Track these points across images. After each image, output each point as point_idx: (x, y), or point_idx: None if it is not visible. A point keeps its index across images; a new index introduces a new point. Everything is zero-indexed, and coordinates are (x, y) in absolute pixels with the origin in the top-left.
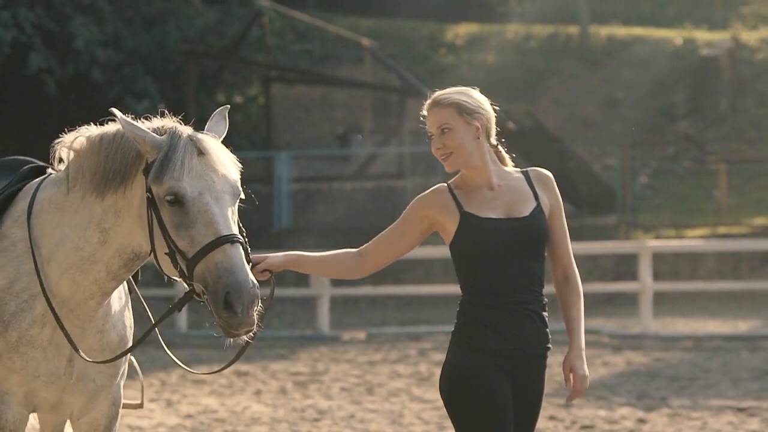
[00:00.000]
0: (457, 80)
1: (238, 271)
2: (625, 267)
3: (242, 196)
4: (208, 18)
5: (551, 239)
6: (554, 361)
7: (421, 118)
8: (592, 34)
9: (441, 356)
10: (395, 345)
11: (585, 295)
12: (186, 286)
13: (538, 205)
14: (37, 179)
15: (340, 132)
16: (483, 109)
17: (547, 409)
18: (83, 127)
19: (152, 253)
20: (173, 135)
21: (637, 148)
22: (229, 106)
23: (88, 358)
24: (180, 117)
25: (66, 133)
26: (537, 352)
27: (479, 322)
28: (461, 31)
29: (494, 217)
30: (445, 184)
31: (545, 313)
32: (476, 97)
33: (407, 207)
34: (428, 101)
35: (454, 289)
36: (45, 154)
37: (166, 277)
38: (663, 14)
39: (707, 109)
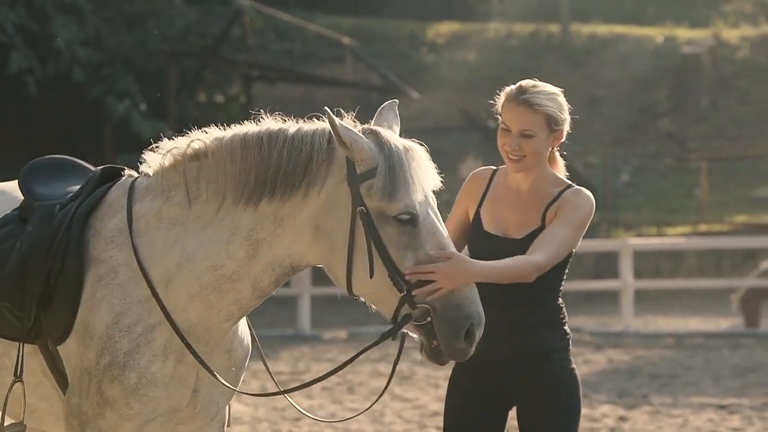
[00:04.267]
0: (439, 79)
1: (478, 301)
2: (606, 265)
3: None
4: (189, 18)
5: None
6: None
7: (497, 107)
8: (574, 32)
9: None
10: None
11: (567, 294)
12: (391, 312)
13: (539, 228)
14: (105, 186)
15: None
16: (566, 120)
17: None
18: (185, 136)
19: (347, 273)
20: (388, 144)
21: (619, 146)
22: (397, 100)
23: (243, 391)
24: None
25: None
26: (506, 355)
27: None
28: (442, 29)
29: (492, 232)
30: (494, 168)
31: (543, 324)
32: (564, 106)
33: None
34: (517, 94)
35: None
36: (27, 154)
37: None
38: (644, 12)
39: (688, 107)
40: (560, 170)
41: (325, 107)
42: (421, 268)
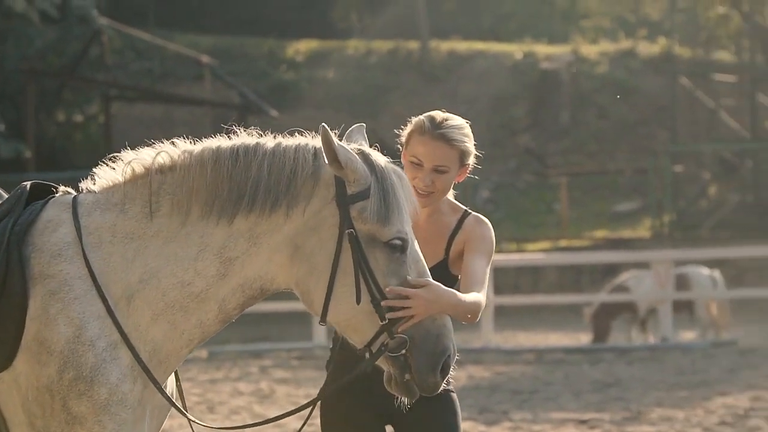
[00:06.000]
0: (298, 97)
1: (452, 333)
2: None
3: None
4: (48, 37)
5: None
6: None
7: (403, 138)
8: (433, 49)
9: (283, 373)
10: (237, 363)
11: None
12: (365, 341)
13: (445, 259)
14: (38, 203)
15: None
16: (473, 155)
17: None
18: (149, 147)
19: (326, 297)
20: (379, 165)
21: (478, 162)
22: (364, 124)
23: (209, 424)
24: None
25: None
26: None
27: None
28: (302, 47)
29: None
30: None
31: None
32: (472, 139)
33: None
34: (432, 128)
35: (297, 305)
36: None
37: (327, 326)
38: (503, 28)
39: (548, 123)
40: (449, 194)
41: (322, 124)
42: (400, 290)
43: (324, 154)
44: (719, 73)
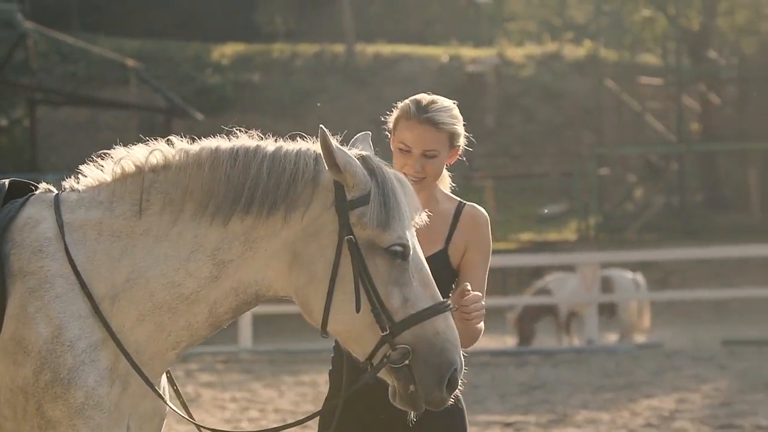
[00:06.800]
0: (224, 100)
1: (459, 347)
2: None
3: None
4: None
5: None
6: None
7: (389, 125)
8: (358, 53)
9: (209, 377)
10: None
11: None
12: (367, 353)
13: (445, 249)
14: (17, 201)
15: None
16: (463, 135)
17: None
18: (136, 146)
19: (326, 306)
20: (380, 170)
21: None
22: (370, 132)
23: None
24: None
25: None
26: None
27: None
28: (227, 50)
29: None
30: None
31: None
32: (461, 120)
33: None
34: (419, 112)
35: None
36: None
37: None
38: (429, 31)
39: (474, 126)
40: (446, 185)
41: (321, 125)
42: (477, 296)
43: (323, 158)
44: (645, 76)
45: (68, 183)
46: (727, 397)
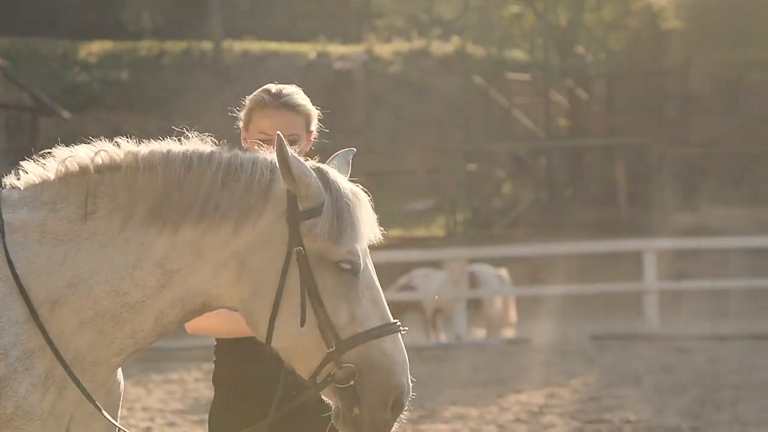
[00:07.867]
0: (91, 98)
1: (408, 370)
2: None
3: None
4: None
5: None
6: None
7: (242, 117)
8: (226, 50)
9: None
10: None
11: None
12: (311, 371)
13: None
14: None
15: None
16: (316, 118)
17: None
18: (86, 145)
19: (271, 320)
20: (335, 183)
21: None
22: (354, 149)
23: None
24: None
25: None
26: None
27: None
28: (95, 48)
29: None
30: None
31: None
32: (310, 101)
33: None
34: (274, 98)
35: None
36: None
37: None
38: (297, 28)
39: (342, 123)
40: None
41: (278, 132)
42: None
43: (278, 166)
44: (513, 72)
45: (8, 180)
46: (596, 391)
